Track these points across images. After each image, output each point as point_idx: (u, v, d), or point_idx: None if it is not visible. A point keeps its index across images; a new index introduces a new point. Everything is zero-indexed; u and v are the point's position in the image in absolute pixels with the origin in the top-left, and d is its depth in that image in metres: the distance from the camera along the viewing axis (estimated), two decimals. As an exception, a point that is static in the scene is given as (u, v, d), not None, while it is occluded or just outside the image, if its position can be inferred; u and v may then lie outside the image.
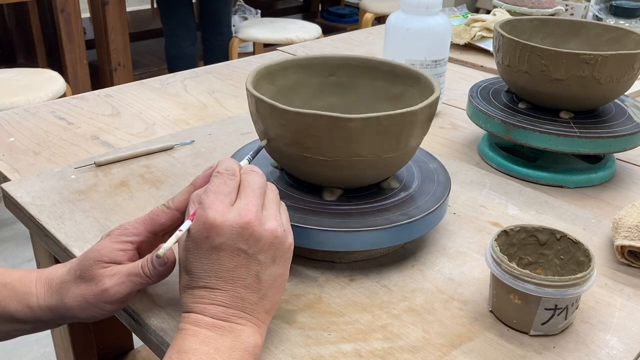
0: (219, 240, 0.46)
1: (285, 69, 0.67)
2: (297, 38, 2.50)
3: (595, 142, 0.73)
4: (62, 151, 0.82)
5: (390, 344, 0.51)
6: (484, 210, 0.71)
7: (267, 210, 0.48)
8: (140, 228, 0.52)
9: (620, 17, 1.60)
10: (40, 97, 1.75)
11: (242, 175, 0.50)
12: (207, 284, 0.46)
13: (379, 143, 0.55)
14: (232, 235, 0.46)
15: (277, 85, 0.66)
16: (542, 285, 0.49)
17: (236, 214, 0.46)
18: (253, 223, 0.46)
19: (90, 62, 2.60)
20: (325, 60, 0.68)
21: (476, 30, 1.33)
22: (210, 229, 0.46)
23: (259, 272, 0.47)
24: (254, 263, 0.47)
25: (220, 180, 0.48)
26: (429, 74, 0.65)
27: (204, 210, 0.46)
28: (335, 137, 0.54)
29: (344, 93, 0.69)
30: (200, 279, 0.46)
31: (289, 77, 0.67)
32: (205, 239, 0.46)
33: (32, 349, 1.59)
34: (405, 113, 0.55)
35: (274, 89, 0.65)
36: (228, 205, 0.47)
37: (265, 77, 0.64)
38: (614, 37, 0.82)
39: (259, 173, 0.51)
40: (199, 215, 0.46)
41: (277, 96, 0.65)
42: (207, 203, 0.47)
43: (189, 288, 0.47)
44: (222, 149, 0.84)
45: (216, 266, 0.46)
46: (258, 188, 0.49)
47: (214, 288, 0.46)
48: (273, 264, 0.48)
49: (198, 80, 1.12)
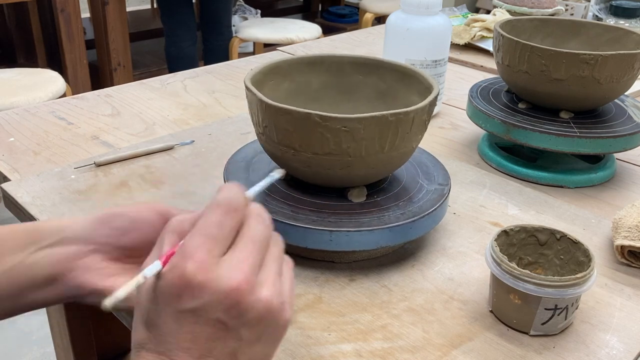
0: (193, 304, 0.35)
1: (285, 69, 0.67)
2: (297, 38, 2.50)
3: (595, 142, 0.73)
4: (62, 151, 0.82)
5: (390, 344, 0.51)
6: (484, 210, 0.71)
7: (264, 272, 0.37)
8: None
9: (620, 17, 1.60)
10: (40, 97, 1.75)
11: (246, 216, 0.39)
12: (166, 351, 0.36)
13: (376, 142, 0.55)
14: (212, 300, 0.35)
15: (278, 84, 0.66)
16: (542, 285, 0.49)
17: (224, 273, 0.35)
18: (243, 289, 0.35)
19: (90, 62, 2.60)
20: (325, 60, 0.68)
21: (476, 30, 1.33)
22: (185, 288, 0.35)
23: (237, 350, 0.37)
24: (233, 338, 0.36)
25: (215, 217, 0.37)
26: (429, 74, 0.65)
27: (184, 259, 0.35)
28: (332, 137, 0.54)
29: (344, 93, 0.69)
30: (159, 343, 0.36)
31: (289, 76, 0.67)
32: (177, 297, 0.35)
33: (32, 349, 1.59)
34: (402, 113, 0.55)
35: (275, 87, 0.65)
36: (216, 256, 0.36)
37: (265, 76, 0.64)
38: (614, 37, 0.82)
39: (266, 219, 0.40)
40: (175, 265, 0.36)
41: (277, 95, 0.65)
42: (190, 249, 0.36)
43: (142, 349, 0.37)
44: (222, 149, 0.84)
45: (183, 334, 0.36)
46: (260, 240, 0.38)
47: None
48: (257, 342, 0.37)
49: (198, 80, 1.12)
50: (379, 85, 0.68)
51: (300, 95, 0.68)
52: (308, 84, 0.69)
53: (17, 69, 1.97)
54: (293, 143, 0.56)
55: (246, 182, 0.63)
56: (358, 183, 0.61)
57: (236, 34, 2.66)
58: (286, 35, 2.53)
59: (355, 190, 0.61)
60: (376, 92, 0.68)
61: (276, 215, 0.57)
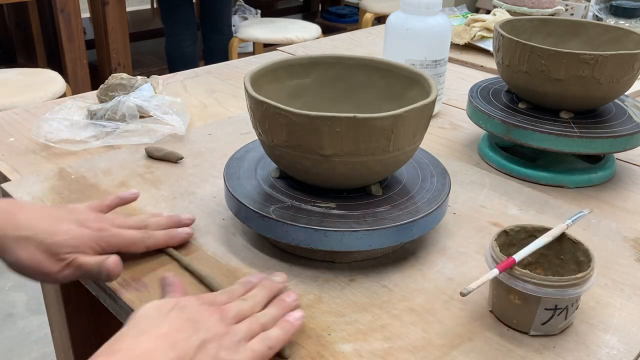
0: None
1: (285, 69, 0.67)
2: (297, 38, 2.50)
3: (595, 142, 0.73)
4: (62, 151, 0.82)
5: (390, 344, 0.51)
6: (484, 210, 0.71)
7: None
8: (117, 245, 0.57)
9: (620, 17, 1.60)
10: (40, 97, 1.75)
11: None
12: None
13: (376, 143, 0.55)
14: None
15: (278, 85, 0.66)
16: (542, 285, 0.49)
17: None
18: None
19: (90, 62, 2.60)
20: (325, 60, 0.68)
21: (476, 30, 1.33)
22: None
23: None
24: None
25: None
26: (429, 74, 0.65)
27: None
28: (332, 138, 0.54)
29: (344, 93, 0.69)
30: None
31: (288, 77, 0.67)
32: None
33: (32, 349, 1.59)
34: (403, 113, 0.55)
35: (274, 87, 0.65)
36: None
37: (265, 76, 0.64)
38: (614, 37, 0.82)
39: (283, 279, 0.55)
40: None
41: (277, 96, 0.65)
42: None
43: None
44: (222, 149, 0.84)
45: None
46: None
47: None
48: None
49: (198, 80, 1.12)
50: (380, 86, 0.68)
51: (300, 96, 0.68)
52: (308, 84, 0.68)
53: (17, 69, 1.97)
54: (292, 144, 0.56)
55: (246, 182, 0.63)
56: (359, 184, 0.61)
57: (236, 34, 2.66)
58: (286, 35, 2.53)
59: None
60: (377, 93, 0.68)
61: (276, 216, 0.57)
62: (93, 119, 0.87)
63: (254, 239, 0.64)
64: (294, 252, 0.62)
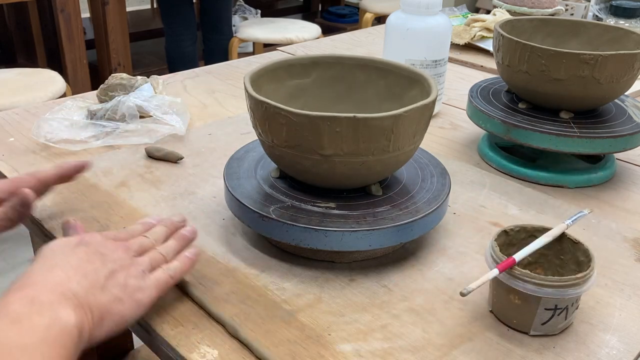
0: None
1: (285, 69, 0.67)
2: (297, 38, 2.49)
3: (595, 142, 0.73)
4: (62, 151, 0.82)
5: (390, 344, 0.51)
6: (484, 210, 0.71)
7: None
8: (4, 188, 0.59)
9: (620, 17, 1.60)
10: (40, 97, 1.74)
11: None
12: None
13: (377, 143, 0.55)
14: None
15: (278, 85, 0.66)
16: (542, 285, 0.49)
17: None
18: None
19: (90, 62, 2.60)
20: (325, 60, 0.68)
21: (476, 30, 1.33)
22: None
23: None
24: None
25: None
26: (429, 74, 0.65)
27: None
28: (332, 138, 0.54)
29: (344, 93, 0.69)
30: None
31: (288, 77, 0.67)
32: None
33: (32, 349, 1.59)
34: (403, 113, 0.55)
35: (274, 87, 0.65)
36: None
37: (264, 76, 0.64)
38: (614, 37, 0.82)
39: None
40: None
41: (277, 96, 0.65)
42: None
43: None
44: (222, 149, 0.84)
45: None
46: None
47: None
48: None
49: (198, 80, 1.12)
50: (380, 86, 0.68)
51: (300, 96, 0.68)
52: (308, 84, 0.68)
53: (17, 69, 1.97)
54: (292, 144, 0.56)
55: (246, 182, 0.63)
56: (359, 184, 0.61)
57: (236, 34, 2.66)
58: (286, 35, 2.53)
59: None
60: (377, 93, 0.68)
61: (276, 216, 0.57)
62: (93, 119, 0.87)
63: (254, 239, 0.64)
64: (294, 252, 0.62)
